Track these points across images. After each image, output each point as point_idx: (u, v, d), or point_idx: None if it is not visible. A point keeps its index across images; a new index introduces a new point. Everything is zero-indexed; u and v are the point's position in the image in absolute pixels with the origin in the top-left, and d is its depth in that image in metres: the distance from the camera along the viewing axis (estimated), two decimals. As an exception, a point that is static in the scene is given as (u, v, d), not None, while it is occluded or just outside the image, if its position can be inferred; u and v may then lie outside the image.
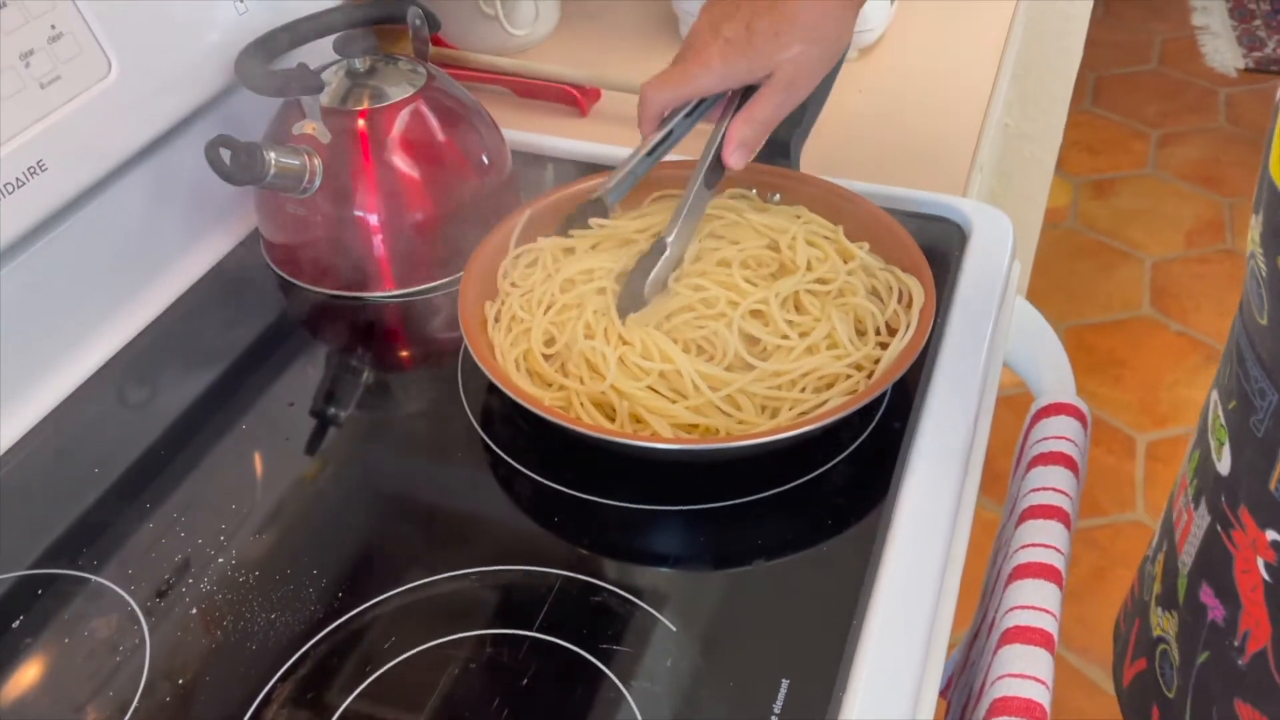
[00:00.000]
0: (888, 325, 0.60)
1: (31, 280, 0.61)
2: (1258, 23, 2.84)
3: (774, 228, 0.64)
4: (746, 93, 0.61)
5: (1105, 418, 1.78)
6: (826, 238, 0.64)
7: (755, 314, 0.59)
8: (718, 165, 0.62)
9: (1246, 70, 2.66)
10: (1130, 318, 1.98)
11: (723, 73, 0.60)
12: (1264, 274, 0.43)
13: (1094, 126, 2.49)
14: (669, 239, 0.61)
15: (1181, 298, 2.02)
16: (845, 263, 0.62)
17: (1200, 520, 0.51)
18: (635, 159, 0.64)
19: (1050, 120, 1.59)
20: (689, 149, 0.64)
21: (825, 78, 0.61)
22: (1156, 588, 0.57)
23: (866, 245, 0.63)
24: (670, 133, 0.64)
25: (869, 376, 0.57)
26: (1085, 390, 1.32)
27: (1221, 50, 2.74)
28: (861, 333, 0.60)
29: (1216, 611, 0.50)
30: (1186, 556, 0.53)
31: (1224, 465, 0.49)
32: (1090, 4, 1.48)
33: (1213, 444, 0.50)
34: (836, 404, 0.55)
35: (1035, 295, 1.93)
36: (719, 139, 0.61)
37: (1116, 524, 1.62)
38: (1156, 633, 0.56)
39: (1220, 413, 0.50)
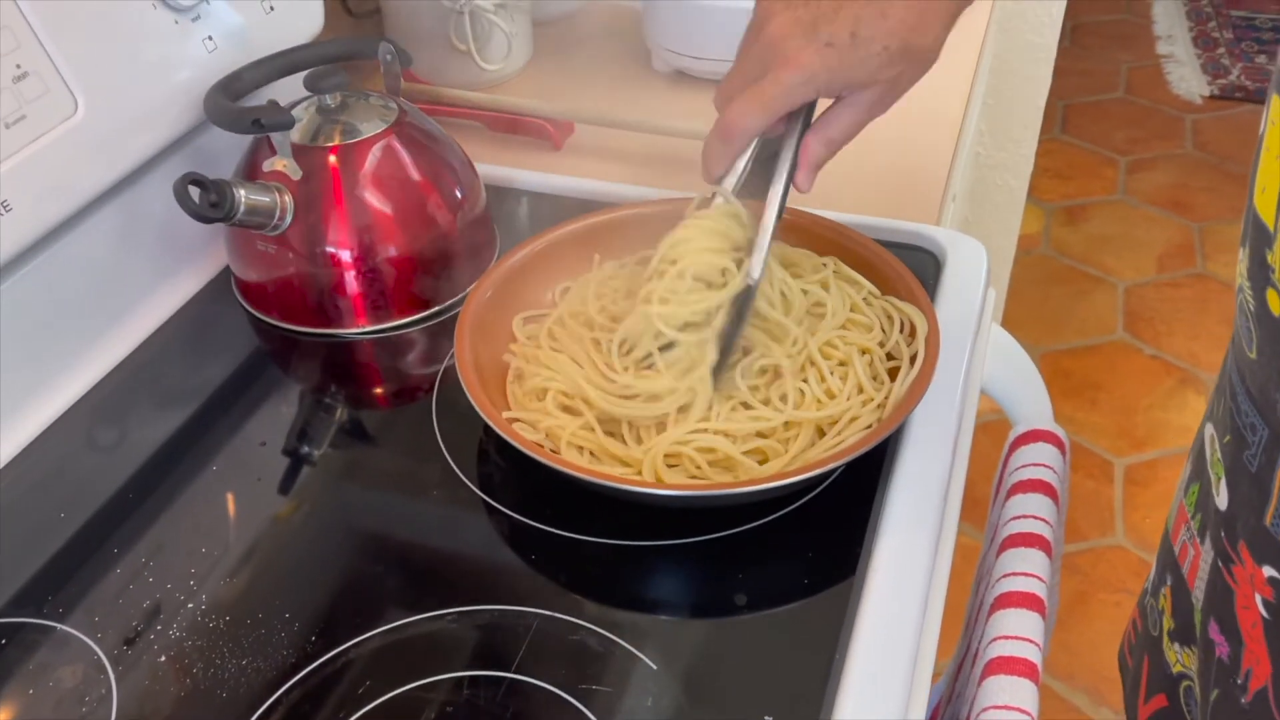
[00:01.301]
0: (888, 353, 0.60)
1: (-4, 322, 0.60)
2: (1221, 50, 2.89)
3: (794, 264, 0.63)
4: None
5: (1082, 442, 1.79)
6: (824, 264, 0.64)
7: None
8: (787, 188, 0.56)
9: (1211, 97, 2.71)
10: (1104, 342, 2.00)
11: (825, 81, 0.52)
12: (1252, 308, 0.43)
13: (1064, 154, 2.52)
14: (755, 277, 0.56)
15: (1155, 322, 2.03)
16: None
17: (1205, 555, 0.51)
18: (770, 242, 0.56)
19: (1021, 149, 1.60)
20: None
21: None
22: (1168, 623, 0.56)
23: (868, 286, 0.63)
24: (745, 169, 0.57)
25: (878, 407, 0.57)
26: (1062, 415, 1.33)
27: (1186, 78, 2.78)
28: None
29: (1222, 648, 0.49)
30: (1198, 592, 0.52)
31: (1222, 500, 0.48)
32: (1057, 34, 1.50)
33: (1212, 478, 0.50)
34: (856, 439, 0.54)
35: (1010, 321, 1.94)
36: (791, 159, 0.55)
37: (1097, 549, 1.62)
38: (1177, 669, 0.55)
39: (1217, 447, 0.50)
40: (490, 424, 0.54)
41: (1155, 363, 1.95)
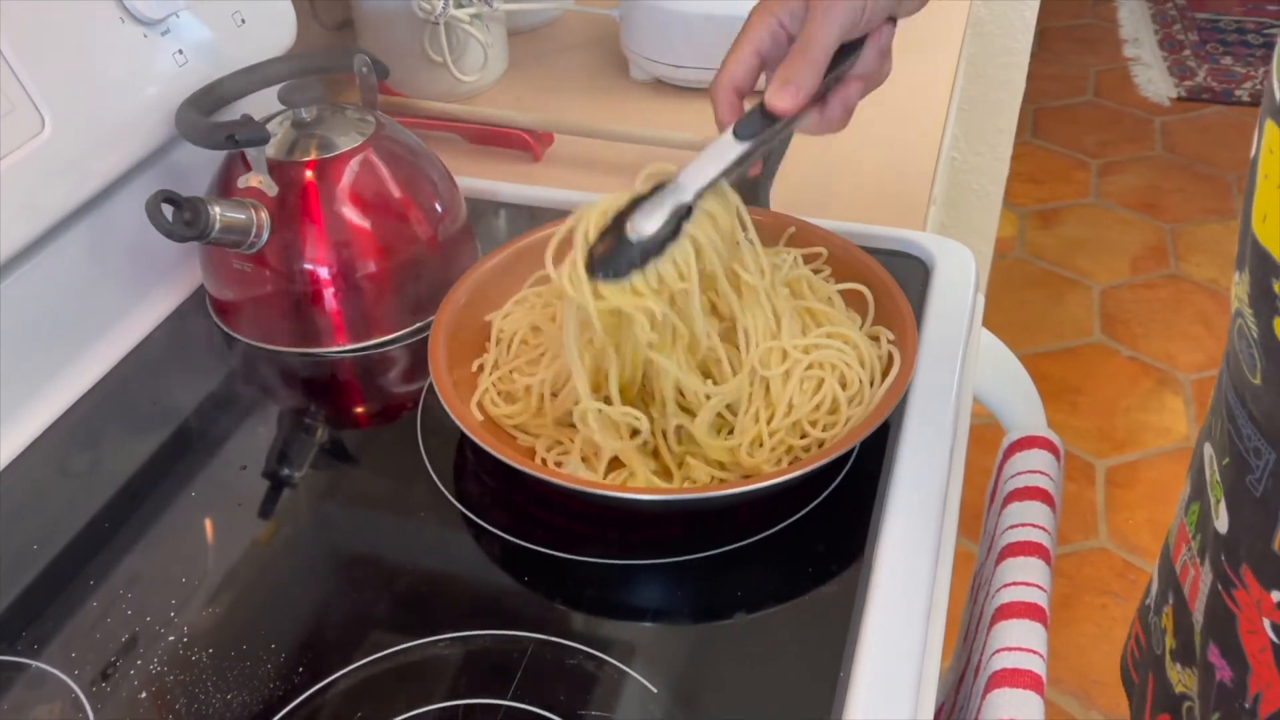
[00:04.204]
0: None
1: (-37, 348, 0.58)
2: (1187, 53, 2.92)
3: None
4: None
5: (1064, 445, 1.79)
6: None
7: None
8: (758, 114, 0.55)
9: (1179, 99, 2.73)
10: (1082, 345, 2.00)
11: (772, 7, 0.54)
12: (1255, 335, 0.42)
13: (1036, 158, 2.53)
14: (680, 178, 0.53)
15: (1131, 323, 2.04)
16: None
17: (1205, 577, 0.50)
18: (723, 166, 0.55)
19: (996, 153, 1.61)
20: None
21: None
22: (1170, 642, 0.56)
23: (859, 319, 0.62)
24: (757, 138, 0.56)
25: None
26: (1045, 419, 1.32)
27: (1154, 80, 2.81)
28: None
29: (1224, 672, 0.48)
30: (1198, 614, 0.51)
31: (1222, 523, 0.48)
32: (1030, 38, 1.50)
33: (1211, 500, 0.49)
34: (809, 456, 0.53)
35: (988, 326, 1.94)
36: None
37: (1080, 551, 1.62)
38: (1179, 689, 0.55)
39: (1215, 468, 0.49)
40: (468, 432, 0.53)
41: (1133, 364, 1.95)
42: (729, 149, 0.55)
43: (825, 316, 0.59)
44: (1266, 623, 0.45)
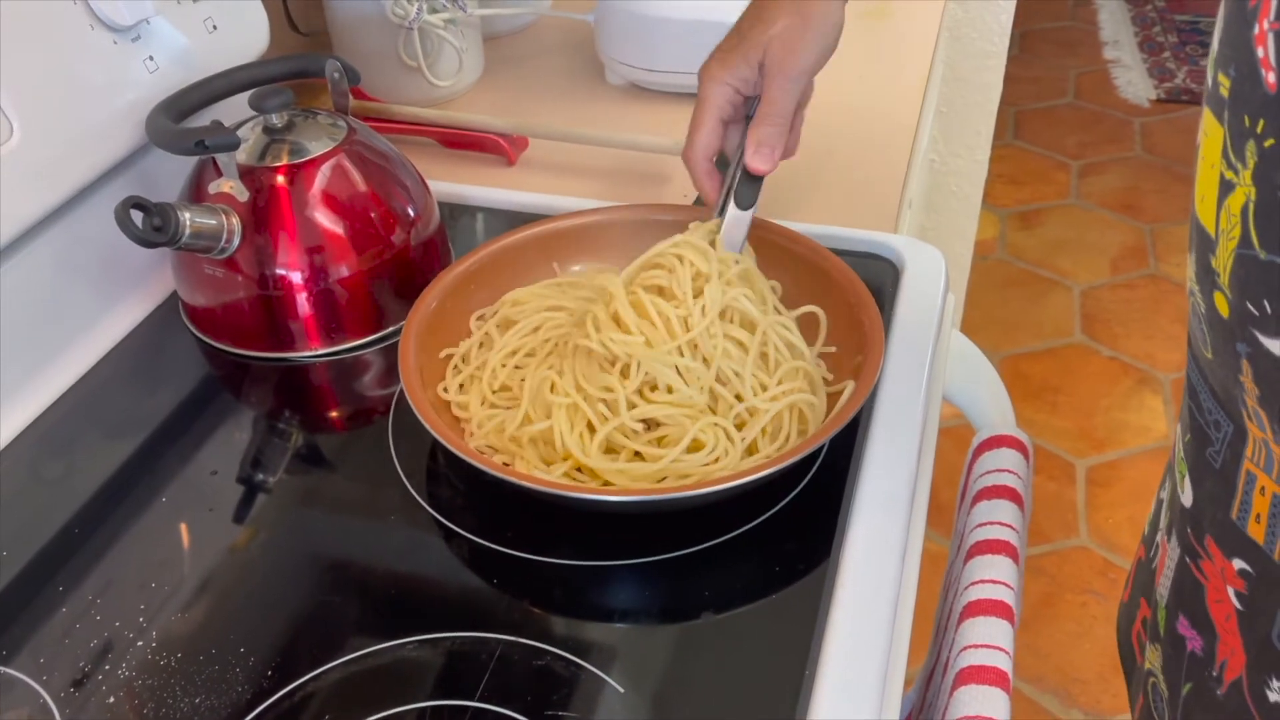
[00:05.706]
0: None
1: (-68, 355, 0.58)
2: (1166, 54, 2.94)
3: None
4: None
5: (1044, 444, 1.80)
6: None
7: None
8: (747, 180, 0.62)
9: (1158, 100, 2.75)
10: (1062, 345, 2.02)
11: (724, 77, 0.61)
12: (1203, 311, 0.44)
13: (1017, 159, 2.54)
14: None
15: (1111, 323, 2.05)
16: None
17: (1172, 552, 0.51)
18: (743, 236, 0.63)
19: (975, 155, 1.62)
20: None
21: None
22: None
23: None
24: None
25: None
26: (1023, 418, 1.33)
27: (1134, 82, 2.83)
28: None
29: (1195, 642, 0.49)
30: (1163, 589, 0.52)
31: (1186, 497, 0.49)
32: (1007, 41, 1.51)
33: (1176, 476, 0.51)
34: (775, 455, 0.54)
35: (969, 327, 1.95)
36: (739, 155, 0.63)
37: (1061, 550, 1.63)
38: (1147, 666, 0.56)
39: (1180, 447, 0.50)
40: (438, 437, 0.53)
41: (1113, 364, 1.97)
42: (741, 221, 0.62)
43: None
44: (1230, 590, 0.46)
